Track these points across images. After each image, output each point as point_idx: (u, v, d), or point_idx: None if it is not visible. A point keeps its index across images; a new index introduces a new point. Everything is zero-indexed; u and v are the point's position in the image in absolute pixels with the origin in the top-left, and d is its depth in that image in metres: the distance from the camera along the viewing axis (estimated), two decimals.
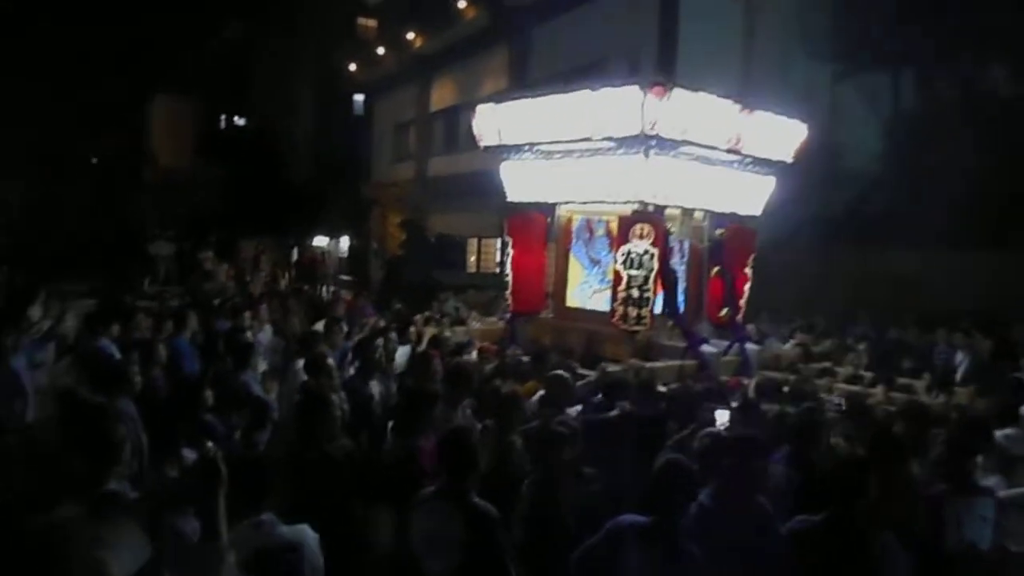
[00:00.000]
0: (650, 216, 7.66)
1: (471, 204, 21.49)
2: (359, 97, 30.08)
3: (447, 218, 22.10)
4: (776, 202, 8.74)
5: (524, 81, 18.45)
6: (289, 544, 2.72)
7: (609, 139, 7.46)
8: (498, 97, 8.73)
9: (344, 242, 29.47)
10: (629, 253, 7.60)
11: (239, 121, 36.07)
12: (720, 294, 8.63)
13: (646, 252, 7.57)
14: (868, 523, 3.23)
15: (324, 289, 18.00)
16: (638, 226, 7.56)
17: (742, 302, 8.70)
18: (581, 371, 7.07)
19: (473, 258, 22.88)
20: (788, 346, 9.11)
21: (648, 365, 7.20)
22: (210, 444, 2.64)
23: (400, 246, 19.71)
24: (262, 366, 7.08)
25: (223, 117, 35.96)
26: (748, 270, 8.76)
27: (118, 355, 6.35)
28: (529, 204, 9.00)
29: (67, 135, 26.65)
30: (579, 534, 3.48)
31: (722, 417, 5.25)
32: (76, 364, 6.47)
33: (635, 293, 7.63)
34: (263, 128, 32.88)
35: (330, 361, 6.12)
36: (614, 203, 7.84)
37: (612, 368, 6.93)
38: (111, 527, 2.55)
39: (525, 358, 7.62)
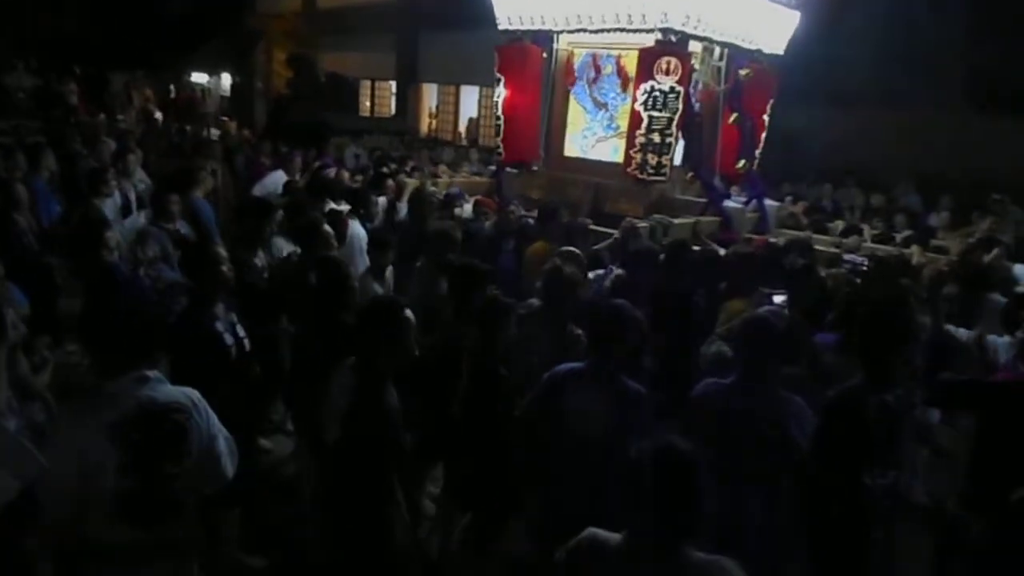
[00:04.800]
0: (677, 49, 6.64)
1: (365, 42, 20.33)
2: None
3: (340, 57, 20.57)
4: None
5: None
6: (176, 403, 2.42)
7: None
8: None
9: (226, 80, 27.36)
10: (652, 91, 6.61)
11: None
12: (735, 144, 7.81)
13: (672, 91, 6.60)
14: None
15: (206, 130, 16.45)
16: (664, 59, 6.53)
17: (757, 152, 7.91)
18: (595, 228, 6.28)
19: (368, 102, 21.86)
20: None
21: (677, 221, 6.44)
22: None
23: (287, 85, 17.99)
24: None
25: None
26: (766, 118, 7.93)
27: None
28: (524, 34, 7.80)
29: None
30: None
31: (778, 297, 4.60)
32: None
33: (656, 138, 6.72)
34: None
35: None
36: (636, 31, 6.73)
37: (639, 223, 6.12)
38: None
39: (529, 215, 6.76)
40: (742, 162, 7.66)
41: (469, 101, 19.10)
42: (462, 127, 19.26)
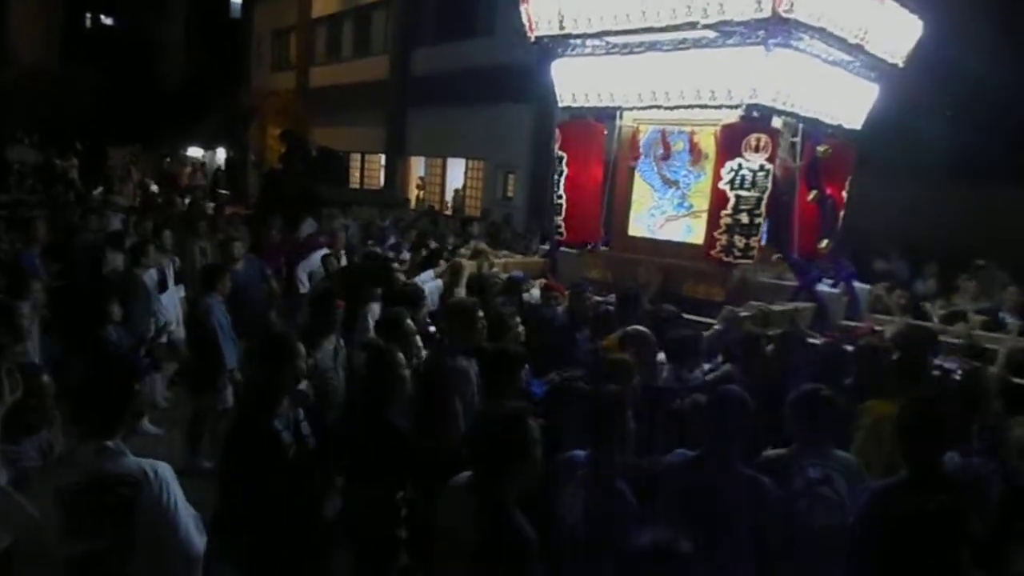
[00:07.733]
0: (764, 125, 6.23)
1: (355, 118, 21.40)
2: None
3: (331, 131, 21.26)
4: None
5: None
6: (129, 476, 2.40)
7: (724, 25, 5.92)
8: None
9: (221, 154, 28.49)
10: (739, 169, 6.17)
11: (106, 20, 34.01)
12: (811, 222, 7.34)
13: (761, 168, 6.17)
14: None
15: (201, 203, 16.52)
16: (753, 137, 6.12)
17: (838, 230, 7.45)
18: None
19: (358, 174, 22.72)
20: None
21: (777, 308, 5.91)
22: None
23: (279, 159, 18.21)
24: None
25: (88, 15, 33.49)
26: (845, 194, 7.49)
27: None
28: (587, 111, 7.44)
29: None
30: None
31: None
32: None
33: (744, 219, 6.25)
34: (132, 28, 31.47)
35: None
36: (719, 107, 6.33)
37: (743, 312, 5.59)
38: None
39: (605, 299, 6.26)
40: (825, 242, 7.18)
41: (455, 173, 19.53)
42: (448, 198, 19.65)
